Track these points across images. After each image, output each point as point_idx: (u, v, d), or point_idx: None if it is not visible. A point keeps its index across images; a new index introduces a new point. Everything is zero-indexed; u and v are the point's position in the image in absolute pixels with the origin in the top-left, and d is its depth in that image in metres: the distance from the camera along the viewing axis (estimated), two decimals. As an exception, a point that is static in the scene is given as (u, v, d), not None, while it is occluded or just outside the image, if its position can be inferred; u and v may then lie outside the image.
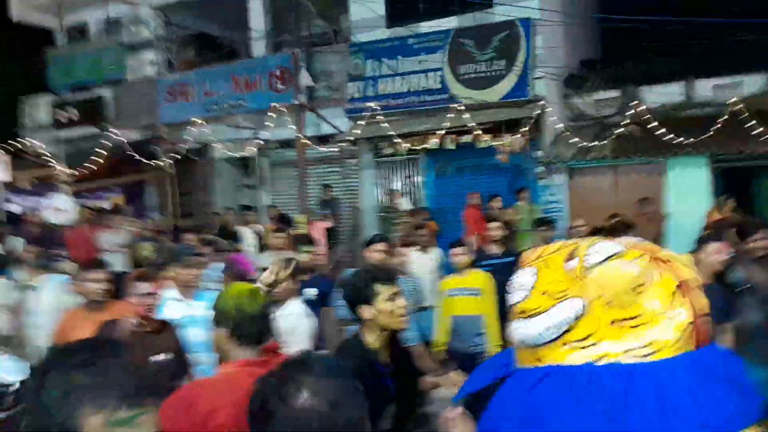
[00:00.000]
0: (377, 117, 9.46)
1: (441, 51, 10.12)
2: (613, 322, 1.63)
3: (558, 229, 9.38)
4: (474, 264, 5.59)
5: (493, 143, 9.10)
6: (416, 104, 10.10)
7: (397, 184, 11.26)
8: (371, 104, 9.78)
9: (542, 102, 9.49)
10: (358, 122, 9.61)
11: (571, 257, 1.84)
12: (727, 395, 1.38)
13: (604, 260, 1.84)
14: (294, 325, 3.87)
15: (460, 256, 5.35)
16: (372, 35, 10.76)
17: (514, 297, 1.86)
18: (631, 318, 1.63)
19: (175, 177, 12.97)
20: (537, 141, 9.71)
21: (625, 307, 1.66)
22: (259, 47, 12.43)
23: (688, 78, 10.48)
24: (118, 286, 4.12)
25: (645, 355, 1.59)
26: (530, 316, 1.79)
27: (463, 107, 8.94)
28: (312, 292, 4.96)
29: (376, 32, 10.79)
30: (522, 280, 1.87)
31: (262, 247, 9.20)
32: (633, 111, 10.12)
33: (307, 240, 5.45)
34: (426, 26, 10.36)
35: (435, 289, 5.73)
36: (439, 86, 10.05)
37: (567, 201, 9.63)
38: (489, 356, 5.22)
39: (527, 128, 9.10)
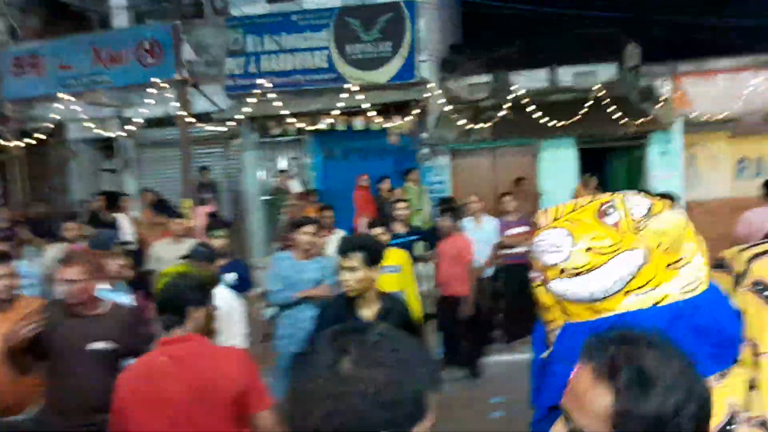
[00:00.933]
0: (264, 95, 9.10)
1: (326, 29, 9.97)
2: (668, 265, 1.84)
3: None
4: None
5: (385, 125, 9.18)
6: (303, 83, 9.88)
7: (282, 166, 10.97)
8: (257, 81, 9.38)
9: (429, 84, 9.74)
10: (247, 99, 9.17)
11: (605, 213, 1.94)
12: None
13: (648, 212, 1.99)
14: (227, 309, 3.68)
15: (380, 235, 5.36)
16: (252, 9, 10.31)
17: (549, 258, 1.89)
18: (679, 260, 1.85)
19: (25, 160, 11.53)
20: (423, 123, 9.97)
21: (677, 251, 1.86)
22: (120, 18, 11.37)
23: (552, 65, 11.34)
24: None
25: (693, 290, 1.82)
26: (578, 274, 1.86)
27: (357, 88, 8.90)
28: (232, 276, 4.72)
29: (256, 6, 10.35)
30: (554, 240, 1.91)
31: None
32: (507, 95, 10.81)
33: (222, 224, 5.14)
34: (310, 2, 10.14)
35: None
36: (325, 65, 9.92)
37: (450, 181, 10.02)
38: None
39: (418, 111, 9.30)
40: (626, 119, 9.36)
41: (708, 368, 1.76)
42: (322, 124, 9.35)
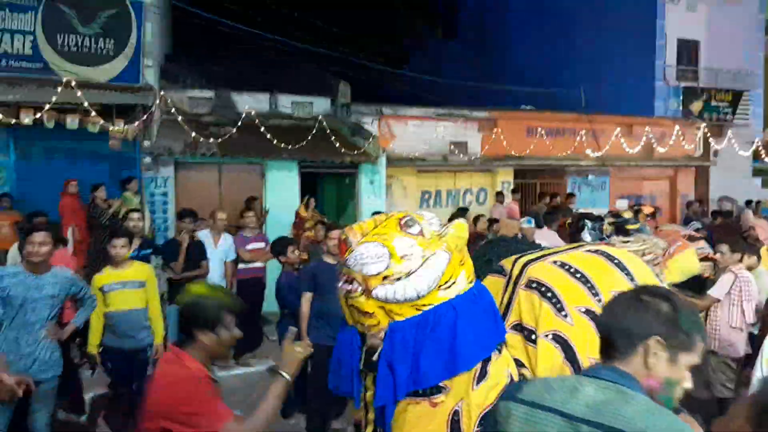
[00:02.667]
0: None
1: (33, 12, 8.71)
2: (461, 262, 2.44)
3: (168, 220, 9.42)
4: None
5: (106, 128, 8.41)
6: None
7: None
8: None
9: (155, 91, 9.29)
10: None
11: (407, 225, 2.44)
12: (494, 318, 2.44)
13: (441, 222, 2.58)
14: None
15: (120, 248, 5.01)
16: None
17: (372, 269, 2.30)
18: (464, 257, 2.49)
19: None
20: (147, 131, 9.43)
21: (462, 251, 2.50)
22: None
23: (273, 90, 11.90)
24: None
25: (471, 281, 2.46)
26: (399, 279, 2.31)
27: (74, 84, 7.96)
28: None
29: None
30: (373, 252, 2.34)
31: None
32: (230, 114, 10.94)
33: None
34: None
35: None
36: (30, 53, 8.63)
37: (174, 194, 9.67)
38: (154, 349, 5.08)
39: (144, 116, 8.78)
40: (342, 150, 10.43)
41: (495, 339, 2.39)
42: (26, 119, 8.10)
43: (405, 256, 2.34)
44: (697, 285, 5.51)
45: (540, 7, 18.04)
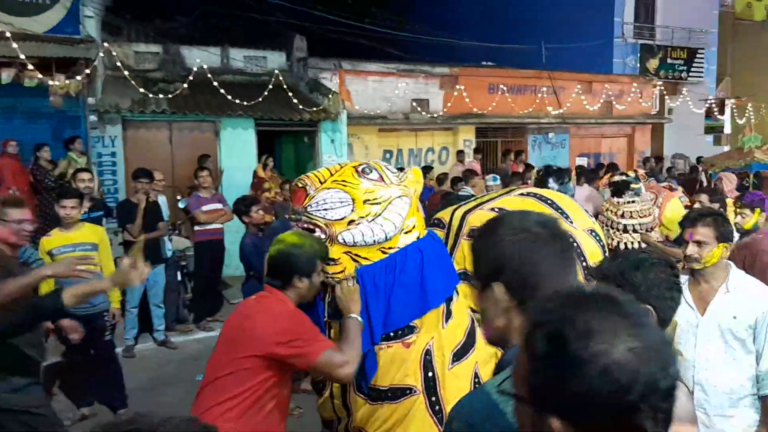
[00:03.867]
0: None
1: (-45, -46, 7.94)
2: (417, 209, 2.42)
3: (118, 182, 8.96)
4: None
5: (48, 84, 7.80)
6: None
7: None
8: None
9: (97, 43, 8.66)
10: None
11: (365, 172, 2.39)
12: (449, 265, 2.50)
13: (399, 169, 2.56)
14: None
15: (70, 209, 4.67)
16: None
17: (336, 214, 2.26)
18: (417, 206, 2.48)
19: None
20: (91, 87, 8.82)
21: (416, 196, 2.48)
22: None
23: (224, 45, 11.34)
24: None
25: (424, 228, 2.45)
26: (363, 223, 2.26)
27: (8, 35, 7.30)
28: None
29: None
30: (337, 197, 2.29)
31: None
32: (179, 69, 10.37)
33: None
34: None
35: None
36: (-45, 0, 7.90)
37: (122, 153, 9.15)
38: (110, 314, 4.81)
39: (88, 71, 8.18)
40: (301, 107, 10.04)
41: (455, 280, 2.50)
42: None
43: (368, 201, 2.38)
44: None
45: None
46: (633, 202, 4.83)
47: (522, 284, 1.27)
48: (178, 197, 7.79)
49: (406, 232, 2.43)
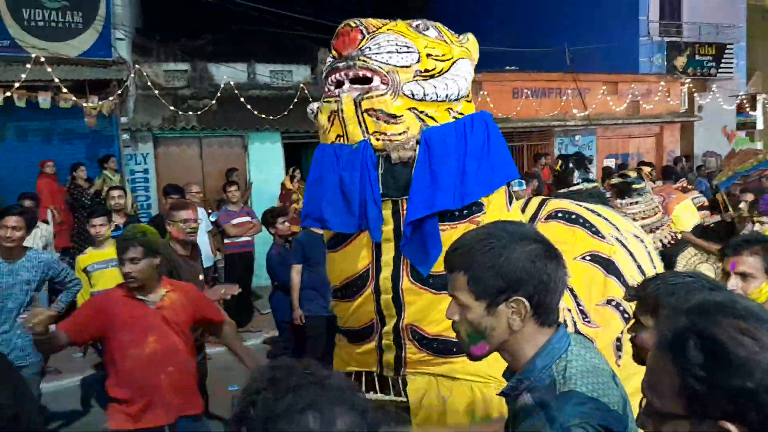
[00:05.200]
0: None
1: (-6, -14, 8.31)
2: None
3: (150, 198, 9.22)
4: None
5: (83, 105, 8.10)
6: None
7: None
8: None
9: (128, 64, 8.96)
10: None
11: (422, 28, 2.16)
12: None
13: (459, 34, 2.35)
14: None
15: (99, 227, 4.86)
16: None
17: (402, 59, 1.99)
18: None
19: None
20: (123, 106, 9.13)
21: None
22: None
23: (250, 61, 11.59)
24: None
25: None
26: (431, 77, 2.05)
27: (43, 60, 7.62)
28: None
29: None
30: (401, 41, 2.01)
31: None
32: (208, 86, 10.64)
33: None
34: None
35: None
36: (-6, 29, 8.26)
37: (154, 170, 9.43)
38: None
39: (119, 91, 8.47)
40: (326, 118, 10.19)
41: (513, 166, 2.36)
42: (-5, 99, 7.78)
43: (431, 56, 2.07)
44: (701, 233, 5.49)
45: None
46: (637, 203, 4.75)
47: (545, 298, 1.24)
48: (209, 211, 7.98)
49: (468, 100, 2.18)
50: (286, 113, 9.85)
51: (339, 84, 2.03)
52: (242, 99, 9.78)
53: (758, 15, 18.88)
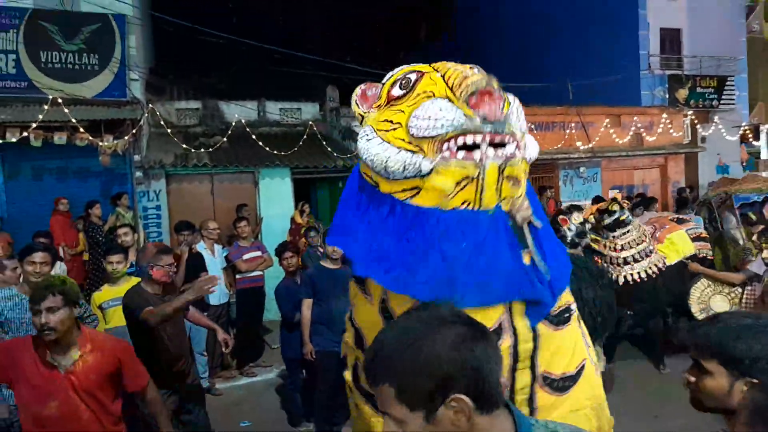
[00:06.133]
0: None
1: (14, 30, 8.63)
2: None
3: (162, 234, 9.34)
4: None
5: (98, 144, 8.32)
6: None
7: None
8: None
9: (142, 104, 9.22)
10: None
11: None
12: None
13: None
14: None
15: (116, 264, 4.95)
16: None
17: (525, 123, 2.01)
18: None
19: None
20: (136, 144, 9.35)
21: None
22: None
23: (260, 98, 11.87)
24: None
25: None
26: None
27: (60, 101, 7.87)
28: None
29: None
30: (521, 106, 2.03)
31: None
32: (219, 123, 10.90)
33: None
34: (-6, -3, 8.66)
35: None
36: (13, 71, 8.54)
37: (166, 207, 9.59)
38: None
39: (134, 130, 8.70)
40: (335, 154, 10.39)
41: None
42: (11, 138, 8.00)
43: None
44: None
45: (526, 3, 18.09)
46: (628, 231, 4.84)
47: (484, 385, 1.10)
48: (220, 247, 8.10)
49: None
50: (295, 149, 10.05)
51: (471, 147, 1.90)
52: (253, 136, 9.99)
53: (759, 47, 19.18)
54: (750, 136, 16.10)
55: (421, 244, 1.93)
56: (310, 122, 10.81)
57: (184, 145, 9.49)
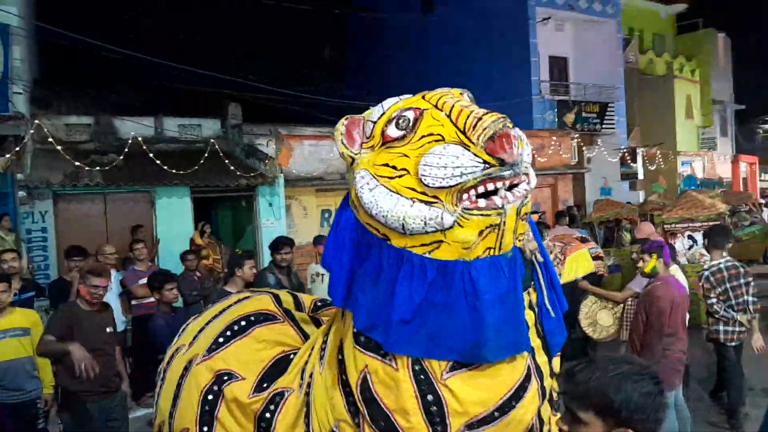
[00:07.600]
0: None
1: None
2: None
3: (49, 258, 8.77)
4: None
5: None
6: None
7: None
8: None
9: (26, 119, 8.62)
10: None
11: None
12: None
13: None
14: None
15: (1, 293, 4.60)
16: None
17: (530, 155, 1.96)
18: None
19: None
20: (19, 162, 8.72)
21: None
22: None
23: (157, 114, 11.42)
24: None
25: None
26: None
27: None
28: None
29: None
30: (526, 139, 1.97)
31: None
32: (113, 140, 10.36)
33: None
34: None
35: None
36: None
37: (53, 229, 8.99)
38: (43, 401, 4.70)
39: (18, 147, 8.10)
40: (238, 172, 10.21)
41: None
42: None
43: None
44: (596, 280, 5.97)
45: (422, 30, 18.77)
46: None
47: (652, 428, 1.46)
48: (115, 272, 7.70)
49: None
50: (195, 167, 9.77)
51: (489, 193, 1.82)
52: (150, 153, 9.60)
53: (634, 77, 21.03)
54: (628, 158, 17.56)
55: (448, 303, 1.84)
56: (212, 139, 10.54)
57: (77, 163, 8.94)
